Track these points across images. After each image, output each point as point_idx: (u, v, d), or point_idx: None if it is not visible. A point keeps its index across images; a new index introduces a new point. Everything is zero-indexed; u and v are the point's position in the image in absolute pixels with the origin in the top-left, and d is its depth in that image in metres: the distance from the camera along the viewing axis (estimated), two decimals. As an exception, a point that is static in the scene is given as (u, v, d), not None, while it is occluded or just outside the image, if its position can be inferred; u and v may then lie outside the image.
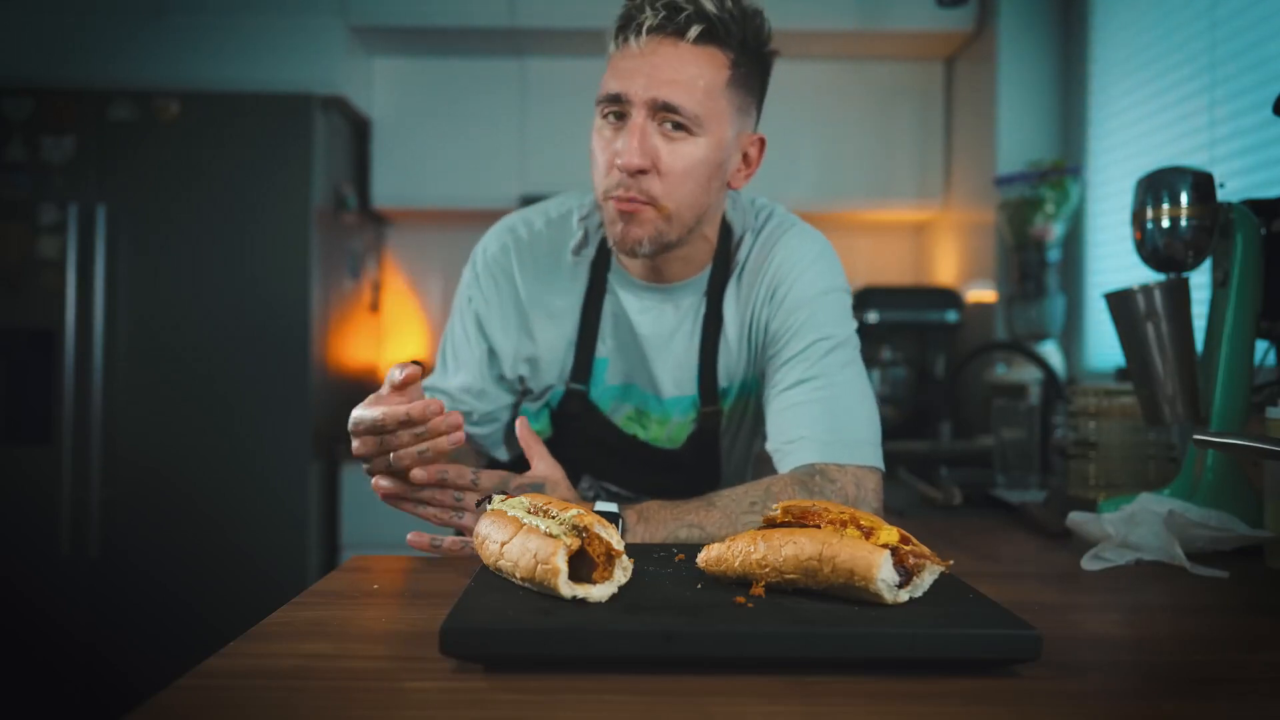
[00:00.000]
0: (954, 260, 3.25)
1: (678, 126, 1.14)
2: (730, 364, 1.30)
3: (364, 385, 3.45)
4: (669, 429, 1.34)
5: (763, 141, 1.25)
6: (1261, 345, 1.37)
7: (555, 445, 1.36)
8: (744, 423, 1.38)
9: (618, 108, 1.15)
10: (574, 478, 1.38)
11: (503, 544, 0.84)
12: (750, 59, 1.18)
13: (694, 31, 1.13)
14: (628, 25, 1.15)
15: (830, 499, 1.13)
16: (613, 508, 1.06)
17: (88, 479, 2.83)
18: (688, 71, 1.13)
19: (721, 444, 1.38)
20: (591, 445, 1.35)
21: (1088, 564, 1.12)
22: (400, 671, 0.71)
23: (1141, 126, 2.44)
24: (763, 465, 1.30)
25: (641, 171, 1.14)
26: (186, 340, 2.88)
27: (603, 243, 1.30)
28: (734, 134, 1.20)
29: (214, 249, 2.89)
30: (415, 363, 1.03)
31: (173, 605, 2.82)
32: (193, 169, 2.89)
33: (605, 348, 1.31)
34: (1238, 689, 0.72)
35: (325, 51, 2.99)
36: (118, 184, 2.87)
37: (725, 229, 1.31)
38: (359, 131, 3.36)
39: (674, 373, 1.31)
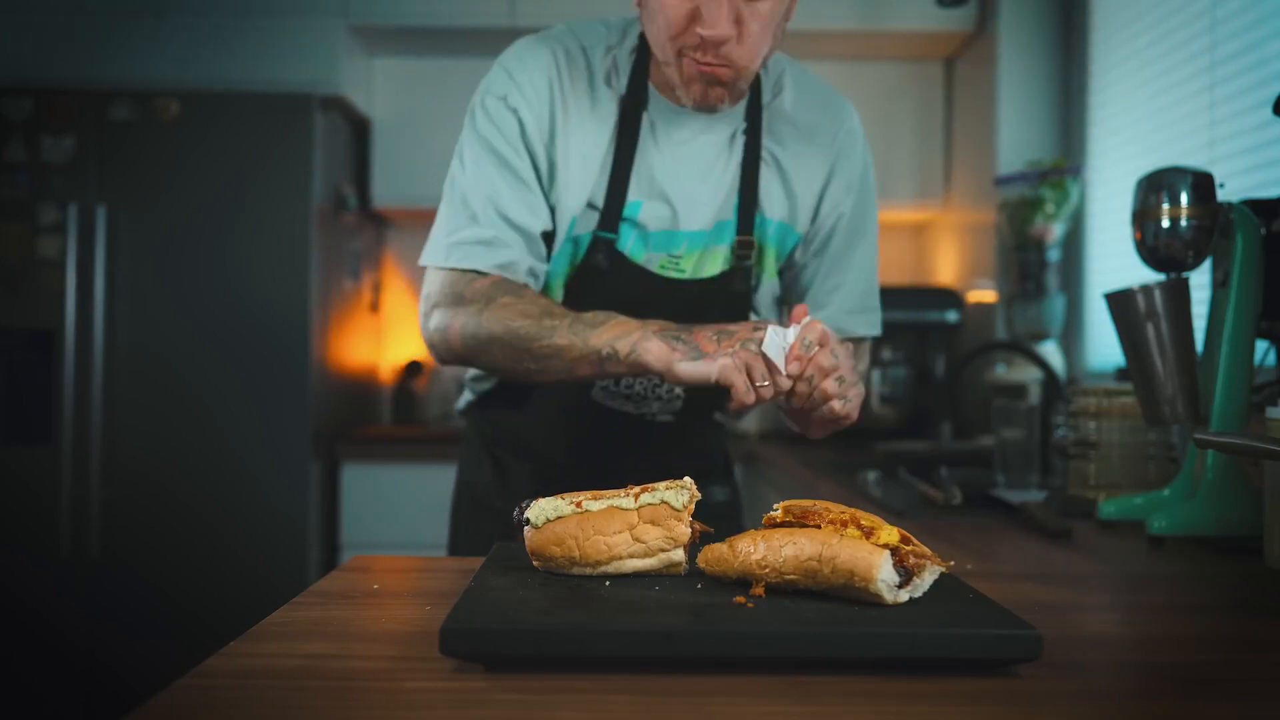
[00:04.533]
0: (954, 260, 3.25)
1: None
2: (774, 199, 1.28)
3: (364, 385, 3.45)
4: (704, 258, 1.29)
5: None
6: (1261, 345, 1.37)
7: (570, 304, 1.28)
8: (768, 289, 1.36)
9: None
10: None
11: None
12: None
13: None
14: None
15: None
16: None
17: (88, 479, 2.83)
18: None
19: (761, 283, 1.35)
20: (616, 302, 1.26)
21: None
22: (400, 671, 0.71)
23: (1141, 126, 2.44)
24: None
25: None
26: (186, 340, 2.88)
27: (634, 74, 1.24)
28: None
29: (214, 249, 2.89)
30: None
31: (173, 605, 2.82)
32: (193, 169, 2.89)
33: (638, 190, 1.25)
34: (1238, 689, 0.72)
35: (325, 51, 2.99)
36: (118, 184, 2.87)
37: None
38: (359, 131, 3.36)
39: (713, 200, 1.27)
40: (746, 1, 1.10)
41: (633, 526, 0.85)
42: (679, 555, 0.86)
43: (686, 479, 0.89)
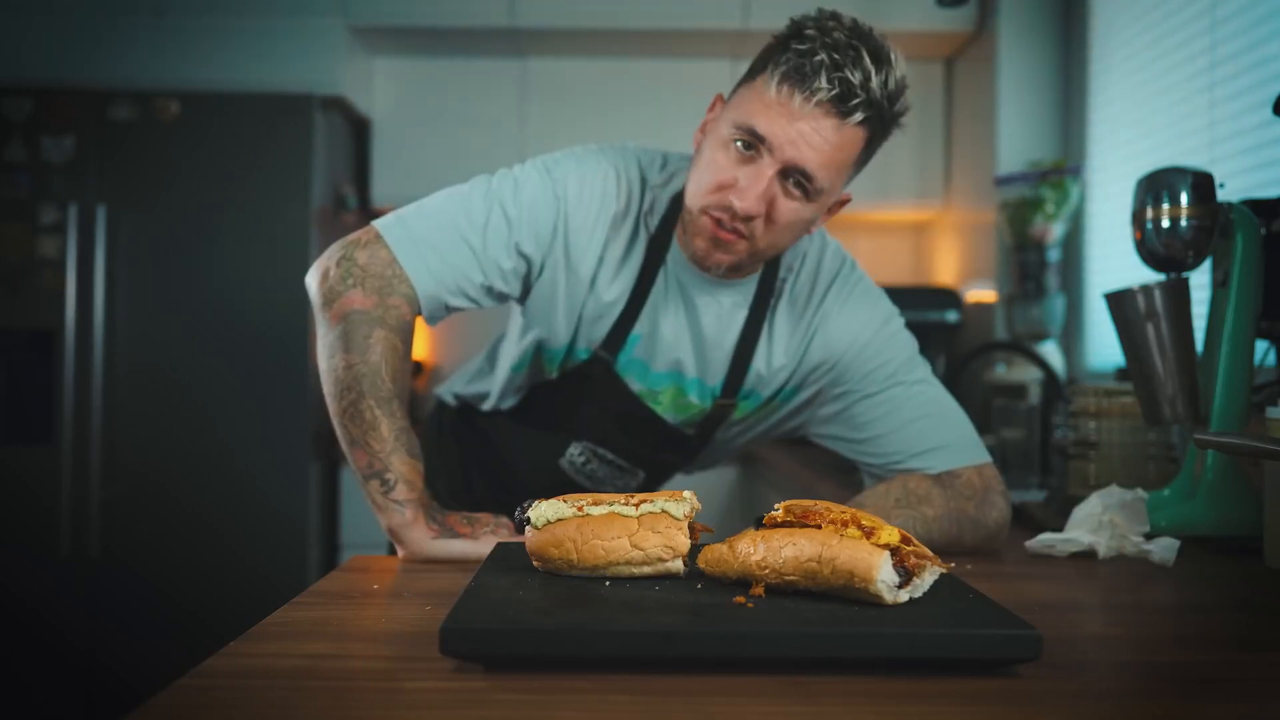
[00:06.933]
0: (954, 260, 3.25)
1: (800, 187, 1.14)
2: (762, 376, 1.31)
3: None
4: (682, 407, 1.34)
5: (846, 200, 1.25)
6: (1261, 345, 1.37)
7: (555, 402, 1.37)
8: (747, 427, 1.40)
9: (752, 144, 1.13)
10: (565, 442, 1.40)
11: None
12: (884, 134, 1.19)
13: (857, 116, 1.12)
14: (797, 80, 1.10)
15: (960, 491, 1.22)
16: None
17: (88, 479, 2.83)
18: (833, 146, 1.13)
19: (716, 434, 1.39)
20: (600, 411, 1.35)
21: (1032, 545, 1.19)
22: (400, 671, 0.71)
23: (1141, 126, 2.44)
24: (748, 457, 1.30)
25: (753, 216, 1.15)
26: (186, 340, 2.88)
27: (664, 221, 1.28)
28: (836, 195, 1.21)
29: (214, 249, 2.89)
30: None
31: (173, 605, 2.82)
32: (193, 169, 2.89)
33: (642, 325, 1.29)
34: (1238, 689, 0.72)
35: (325, 51, 2.99)
36: (118, 184, 2.87)
37: None
38: (359, 131, 3.36)
39: (705, 361, 1.31)
40: (783, 193, 1.14)
41: (632, 533, 0.85)
42: (677, 565, 0.86)
43: (687, 491, 0.90)
